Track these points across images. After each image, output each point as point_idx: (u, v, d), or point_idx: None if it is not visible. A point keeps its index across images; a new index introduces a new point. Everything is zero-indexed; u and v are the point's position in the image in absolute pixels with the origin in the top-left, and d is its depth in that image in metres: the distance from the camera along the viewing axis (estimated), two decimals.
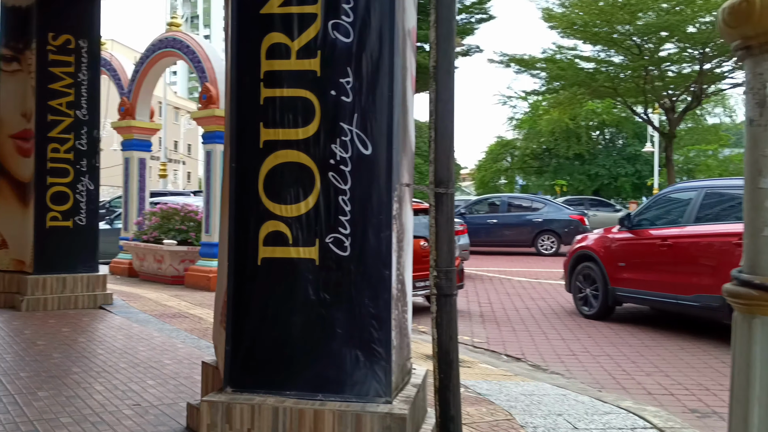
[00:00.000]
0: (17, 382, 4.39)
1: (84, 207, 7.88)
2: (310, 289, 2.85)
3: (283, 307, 2.87)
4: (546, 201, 20.55)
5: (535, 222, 18.96)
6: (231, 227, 2.93)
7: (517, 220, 19.14)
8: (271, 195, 2.91)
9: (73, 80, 7.88)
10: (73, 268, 7.80)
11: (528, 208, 19.70)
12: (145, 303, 8.17)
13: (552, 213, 19.12)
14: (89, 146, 7.95)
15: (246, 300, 2.91)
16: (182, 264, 10.16)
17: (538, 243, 18.83)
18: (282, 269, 2.88)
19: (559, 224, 18.77)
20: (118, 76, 11.74)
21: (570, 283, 9.23)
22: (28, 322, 6.72)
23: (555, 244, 18.66)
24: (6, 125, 7.95)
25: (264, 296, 2.89)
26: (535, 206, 19.69)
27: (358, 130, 2.86)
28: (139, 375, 4.67)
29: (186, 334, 6.32)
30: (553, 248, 18.64)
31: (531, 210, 19.48)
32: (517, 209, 19.71)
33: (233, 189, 2.94)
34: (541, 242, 18.83)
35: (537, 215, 19.11)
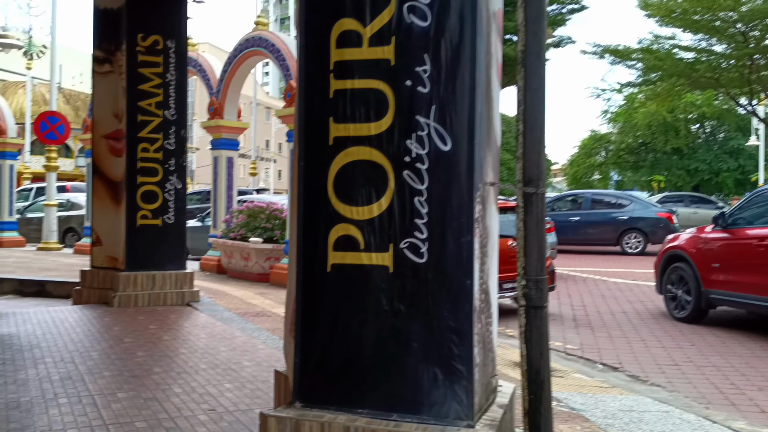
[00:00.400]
0: (99, 381, 4.40)
1: (172, 206, 7.99)
2: (383, 298, 2.61)
3: (354, 318, 2.64)
4: (632, 198, 19.50)
5: (621, 219, 18.01)
6: (299, 230, 2.73)
7: (602, 217, 18.22)
8: (341, 196, 2.69)
9: (162, 80, 7.99)
10: (162, 265, 7.92)
11: (613, 204, 18.73)
12: (231, 301, 8.21)
13: (638, 210, 18.11)
14: (177, 146, 8.05)
15: (315, 309, 2.70)
16: (268, 261, 10.20)
17: (623, 241, 17.90)
18: (353, 276, 2.65)
19: (646, 222, 17.78)
20: (207, 76, 11.94)
21: (660, 285, 8.77)
22: (118, 318, 6.85)
23: (641, 242, 17.71)
24: (100, 126, 8.18)
25: (334, 305, 2.67)
26: (620, 203, 18.70)
27: (436, 123, 2.59)
28: (218, 377, 4.59)
29: (267, 334, 6.25)
30: (639, 247, 17.68)
31: (616, 207, 18.51)
32: (601, 206, 18.76)
33: (301, 189, 2.74)
34: (627, 241, 17.89)
35: (622, 212, 18.14)
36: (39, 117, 15.30)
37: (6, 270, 10.73)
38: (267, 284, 9.94)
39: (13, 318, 6.74)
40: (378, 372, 2.60)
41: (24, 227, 18.11)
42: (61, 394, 4.09)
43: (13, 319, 6.70)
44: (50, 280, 9.48)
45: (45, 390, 4.16)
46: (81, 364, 4.88)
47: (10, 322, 6.52)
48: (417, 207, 2.58)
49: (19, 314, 7.00)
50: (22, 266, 11.35)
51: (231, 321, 6.88)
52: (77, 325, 6.44)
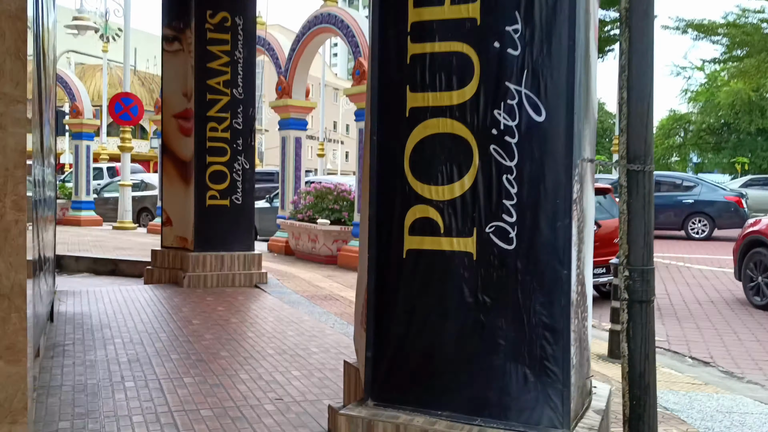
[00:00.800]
0: (166, 365, 4.30)
1: (240, 186, 7.90)
2: (465, 289, 2.33)
3: (433, 311, 2.38)
4: (699, 180, 18.37)
5: (686, 203, 17.00)
6: (372, 212, 2.47)
7: (665, 200, 17.18)
8: (418, 174, 2.41)
9: (230, 59, 7.88)
10: (230, 246, 7.86)
11: (678, 187, 17.67)
12: (298, 283, 8.09)
13: (705, 193, 17.05)
14: (245, 125, 7.94)
15: (389, 299, 2.44)
16: (335, 244, 10.05)
17: (687, 226, 16.93)
18: (432, 264, 2.38)
19: (713, 206, 16.73)
20: (275, 54, 11.83)
21: (739, 271, 8.31)
22: (187, 299, 6.82)
23: (707, 227, 16.70)
24: (169, 105, 8.15)
25: (410, 296, 2.41)
26: (686, 185, 17.64)
27: (528, 90, 2.27)
28: (285, 363, 4.42)
29: (336, 319, 6.07)
30: (705, 232, 16.68)
31: (681, 189, 17.47)
32: (665, 188, 17.71)
33: (374, 167, 2.48)
34: (692, 225, 16.91)
35: (688, 196, 17.12)
36: (113, 98, 15.61)
37: (82, 248, 10.97)
38: (334, 266, 9.80)
39: (86, 296, 6.80)
40: (460, 371, 2.33)
41: (101, 207, 18.65)
42: (128, 377, 4.00)
43: (86, 297, 6.75)
44: (123, 259, 9.62)
45: (112, 372, 4.09)
46: (149, 345, 4.81)
47: (83, 300, 6.57)
48: (505, 186, 2.28)
49: (93, 293, 7.07)
50: (98, 245, 11.60)
51: (298, 304, 6.74)
52: (147, 305, 6.43)
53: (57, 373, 4.03)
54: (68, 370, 4.10)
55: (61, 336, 5.02)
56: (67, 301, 6.47)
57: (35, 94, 3.36)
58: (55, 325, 5.37)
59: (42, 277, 4.17)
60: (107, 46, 27.40)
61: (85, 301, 6.51)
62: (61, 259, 9.88)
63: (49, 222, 5.03)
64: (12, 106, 2.62)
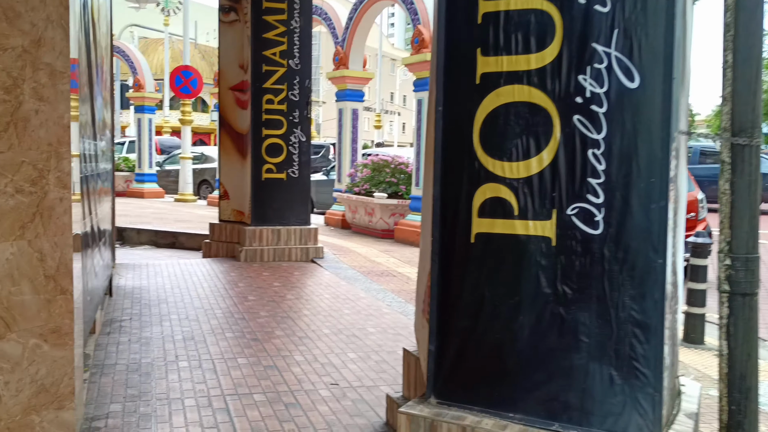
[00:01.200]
0: (221, 344, 4.19)
1: (296, 159, 7.76)
2: (542, 278, 2.07)
3: (505, 302, 2.13)
4: None
5: None
6: (436, 192, 2.23)
7: (711, 172, 16.05)
8: (489, 148, 2.15)
9: (286, 28, 7.69)
10: (287, 220, 7.75)
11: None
12: (355, 258, 7.93)
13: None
14: (301, 97, 7.76)
15: (455, 288, 2.20)
16: (392, 218, 9.84)
17: None
18: (504, 250, 2.13)
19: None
20: (332, 24, 11.58)
21: None
22: (244, 273, 6.75)
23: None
24: (226, 77, 8.04)
25: (479, 285, 2.17)
26: None
27: (618, 53, 1.98)
28: (341, 345, 4.26)
29: (393, 297, 5.88)
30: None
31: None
32: (712, 160, 16.50)
33: (439, 141, 2.23)
34: None
35: None
36: (173, 71, 15.70)
37: (144, 221, 11.10)
38: (391, 241, 9.60)
39: (146, 270, 6.80)
40: (535, 370, 2.08)
41: (163, 179, 18.94)
42: (182, 356, 3.91)
43: (146, 271, 6.76)
44: (182, 232, 9.66)
45: (167, 351, 4.00)
46: (205, 322, 4.73)
47: (142, 274, 6.58)
48: (591, 162, 2.00)
49: (152, 266, 7.08)
50: (159, 217, 11.73)
51: (355, 280, 6.58)
52: (204, 279, 6.38)
53: (112, 350, 3.97)
54: (123, 347, 4.04)
55: (118, 311, 4.99)
56: (127, 275, 6.48)
57: (83, 65, 3.23)
58: (113, 300, 5.36)
59: (97, 253, 4.10)
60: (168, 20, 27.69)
61: (144, 275, 6.51)
62: (123, 231, 10.01)
63: (106, 195, 4.98)
64: (55, 78, 2.47)
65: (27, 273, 2.42)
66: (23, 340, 2.41)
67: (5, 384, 2.37)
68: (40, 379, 2.48)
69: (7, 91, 2.31)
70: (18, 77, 2.33)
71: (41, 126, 2.43)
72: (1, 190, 2.32)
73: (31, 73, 2.37)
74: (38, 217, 2.44)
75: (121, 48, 17.32)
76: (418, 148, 9.35)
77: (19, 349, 2.40)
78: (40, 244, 2.46)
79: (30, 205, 2.41)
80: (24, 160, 2.38)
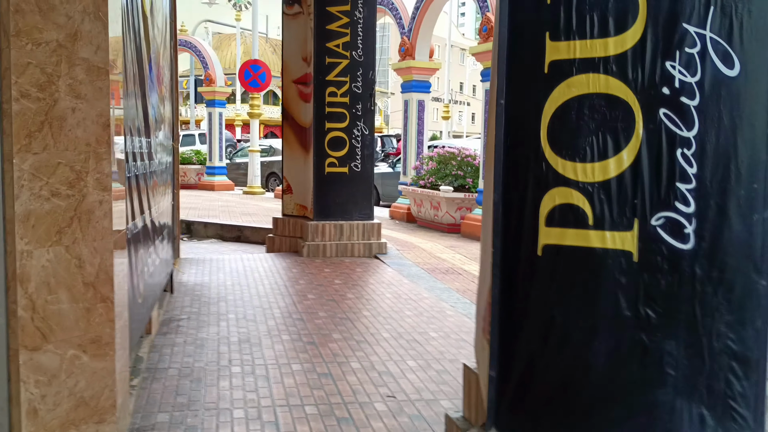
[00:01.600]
0: (276, 347, 4.06)
1: (359, 153, 7.58)
2: (621, 299, 1.79)
3: (577, 324, 1.86)
4: None
5: None
6: (497, 196, 1.97)
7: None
8: (559, 147, 1.88)
9: (350, 19, 7.50)
10: (350, 215, 7.60)
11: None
12: (419, 254, 7.70)
13: None
14: (364, 89, 7.57)
15: (519, 307, 1.95)
16: (459, 212, 9.56)
17: None
18: (576, 264, 1.85)
19: None
20: (399, 14, 11.34)
21: None
22: (305, 269, 6.63)
23: None
24: (289, 70, 7.94)
25: (547, 304, 1.90)
26: None
27: (715, 35, 1.67)
28: (400, 351, 4.05)
29: (457, 297, 5.63)
30: None
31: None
32: None
33: (501, 138, 1.97)
34: None
35: None
36: (243, 66, 15.81)
37: (212, 214, 11.20)
38: (458, 236, 9.33)
39: (209, 265, 6.78)
40: (611, 405, 1.80)
41: (233, 172, 19.22)
42: (235, 360, 3.78)
43: (208, 266, 6.74)
44: (247, 225, 9.67)
45: (221, 354, 3.89)
46: (262, 323, 4.61)
47: (205, 269, 6.55)
48: (681, 164, 1.71)
49: (215, 261, 7.06)
50: (226, 210, 11.82)
51: (418, 278, 6.35)
52: (265, 275, 6.29)
53: (167, 353, 3.88)
54: (178, 349, 3.95)
55: (177, 309, 4.93)
56: (190, 270, 6.46)
57: (131, 59, 3.12)
58: (174, 297, 5.32)
59: (153, 251, 4.03)
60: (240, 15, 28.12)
61: (206, 271, 6.48)
62: (191, 225, 10.13)
63: (165, 189, 4.92)
64: (92, 74, 2.35)
65: (64, 280, 2.30)
66: (61, 351, 2.31)
67: (42, 397, 2.27)
68: (78, 391, 2.37)
69: (41, 88, 2.19)
70: (53, 73, 2.21)
71: (78, 125, 2.31)
72: (36, 194, 2.21)
73: (67, 69, 2.25)
74: (76, 221, 2.33)
75: (192, 43, 17.62)
76: (486, 140, 9.03)
77: (56, 361, 2.30)
78: (79, 249, 2.34)
79: (67, 208, 2.29)
80: (60, 161, 2.27)
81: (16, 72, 2.11)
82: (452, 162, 9.77)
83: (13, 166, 2.14)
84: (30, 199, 2.19)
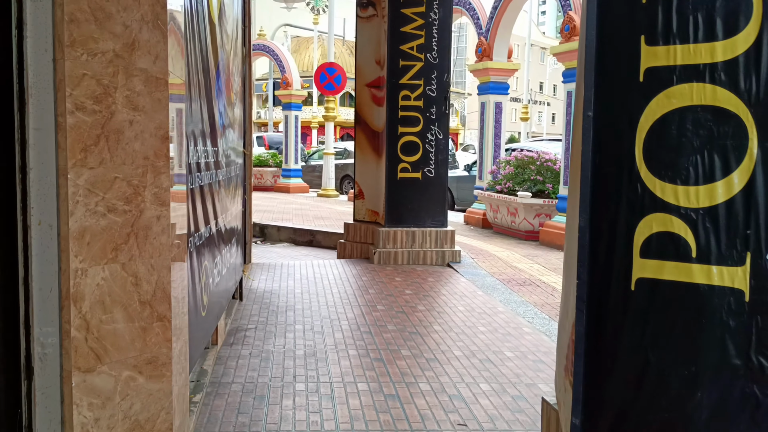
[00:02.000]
0: (342, 363, 3.92)
1: (433, 158, 7.39)
2: (730, 344, 1.53)
3: (676, 371, 1.61)
4: None
5: None
6: (583, 220, 1.74)
7: None
8: (657, 167, 1.63)
9: (424, 21, 7.33)
10: (422, 222, 7.42)
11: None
12: (494, 263, 7.43)
13: None
14: (438, 92, 7.37)
15: (609, 348, 1.71)
16: (537, 218, 9.20)
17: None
18: (676, 302, 1.60)
19: None
20: (476, 14, 11.06)
21: None
22: (375, 278, 6.49)
23: None
24: (362, 74, 7.83)
25: (641, 346, 1.66)
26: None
27: None
28: (473, 372, 3.83)
29: (535, 311, 5.34)
30: None
31: None
32: None
33: (589, 155, 1.74)
34: None
35: None
36: (318, 69, 15.89)
37: (286, 217, 11.26)
38: (536, 243, 8.98)
39: (279, 271, 6.75)
40: None
41: (308, 174, 19.38)
42: (300, 376, 3.67)
43: (279, 272, 6.70)
44: (320, 230, 9.63)
45: (286, 369, 3.78)
46: (329, 335, 4.49)
47: (275, 275, 6.52)
48: None
49: (286, 267, 7.02)
50: (299, 214, 11.86)
51: (493, 289, 6.10)
52: (335, 283, 6.19)
53: (231, 365, 3.81)
54: (243, 362, 3.87)
55: (245, 318, 4.88)
56: (260, 276, 6.44)
57: (196, 66, 3.04)
58: (242, 305, 5.28)
59: (219, 260, 3.96)
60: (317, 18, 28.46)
61: (276, 277, 6.44)
62: (264, 228, 10.19)
63: (236, 192, 4.87)
64: (151, 85, 2.26)
65: (120, 299, 2.22)
66: (115, 372, 2.22)
67: (95, 421, 2.19)
68: (134, 414, 2.28)
69: (97, 100, 2.11)
70: (109, 85, 2.12)
71: (136, 138, 2.22)
72: (92, 210, 2.13)
73: (124, 80, 2.16)
74: (133, 237, 2.24)
75: (270, 47, 17.87)
76: (567, 143, 8.65)
77: (110, 383, 2.21)
78: (135, 267, 2.26)
79: (124, 224, 2.21)
80: (117, 176, 2.18)
81: (71, 84, 2.04)
82: (531, 167, 9.42)
83: (68, 182, 2.06)
84: (85, 216, 2.11)
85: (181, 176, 2.68)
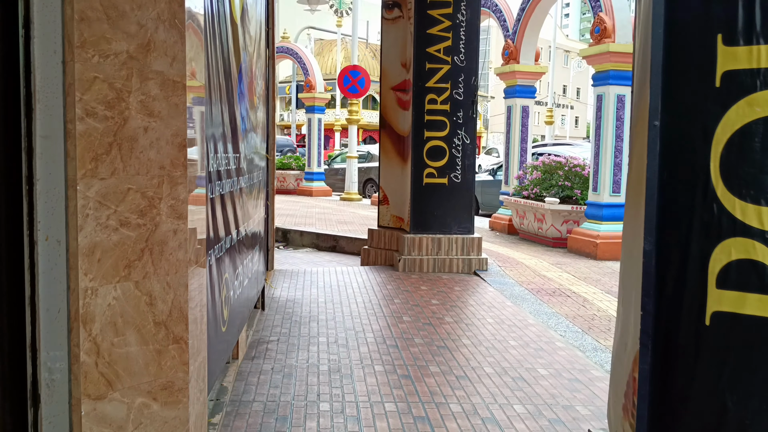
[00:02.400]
0: (368, 380, 3.74)
1: (459, 163, 7.18)
2: None
3: (760, 419, 1.40)
4: None
5: None
6: (648, 244, 1.54)
7: None
8: (736, 185, 1.43)
9: (451, 23, 7.13)
10: (448, 228, 7.22)
11: None
12: (522, 272, 7.20)
13: None
14: (466, 96, 7.17)
15: (678, 389, 1.50)
16: (565, 225, 8.95)
17: None
18: (759, 340, 1.39)
19: None
20: (503, 16, 10.84)
21: None
22: (400, 286, 6.30)
23: None
24: (387, 77, 7.66)
25: (717, 389, 1.45)
26: None
27: None
28: (505, 391, 3.63)
29: (567, 324, 5.12)
30: None
31: None
32: None
33: (655, 171, 1.53)
34: None
35: None
36: (342, 71, 15.76)
37: (308, 221, 11.12)
38: (563, 251, 8.73)
39: (302, 279, 6.59)
40: None
41: (331, 177, 19.26)
42: (324, 394, 3.49)
43: (302, 280, 6.54)
44: (343, 235, 9.46)
45: (309, 386, 3.61)
46: (354, 349, 4.31)
47: (298, 284, 6.36)
48: None
49: (309, 274, 6.87)
50: (322, 218, 11.71)
51: (522, 300, 5.88)
52: (359, 292, 6.01)
53: (253, 381, 3.64)
54: (265, 378, 3.70)
55: (267, 329, 4.72)
56: (282, 284, 6.28)
57: (216, 69, 2.88)
58: (265, 315, 5.12)
59: (241, 269, 3.79)
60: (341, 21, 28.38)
61: (299, 285, 6.28)
62: (287, 233, 10.05)
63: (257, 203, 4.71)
64: (167, 89, 2.09)
65: (133, 320, 2.06)
66: (128, 399, 2.06)
67: None
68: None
69: (110, 106, 1.94)
70: (122, 89, 1.96)
71: (151, 146, 2.05)
72: (103, 224, 1.97)
73: (139, 83, 2.00)
74: (147, 253, 2.07)
75: (294, 50, 17.78)
76: (597, 148, 8.40)
77: (123, 411, 2.05)
78: (149, 285, 2.09)
79: (137, 239, 2.04)
80: (130, 187, 2.02)
81: (81, 88, 1.88)
82: (558, 172, 9.18)
83: (77, 194, 1.90)
84: (96, 230, 1.95)
85: (201, 186, 2.51)
